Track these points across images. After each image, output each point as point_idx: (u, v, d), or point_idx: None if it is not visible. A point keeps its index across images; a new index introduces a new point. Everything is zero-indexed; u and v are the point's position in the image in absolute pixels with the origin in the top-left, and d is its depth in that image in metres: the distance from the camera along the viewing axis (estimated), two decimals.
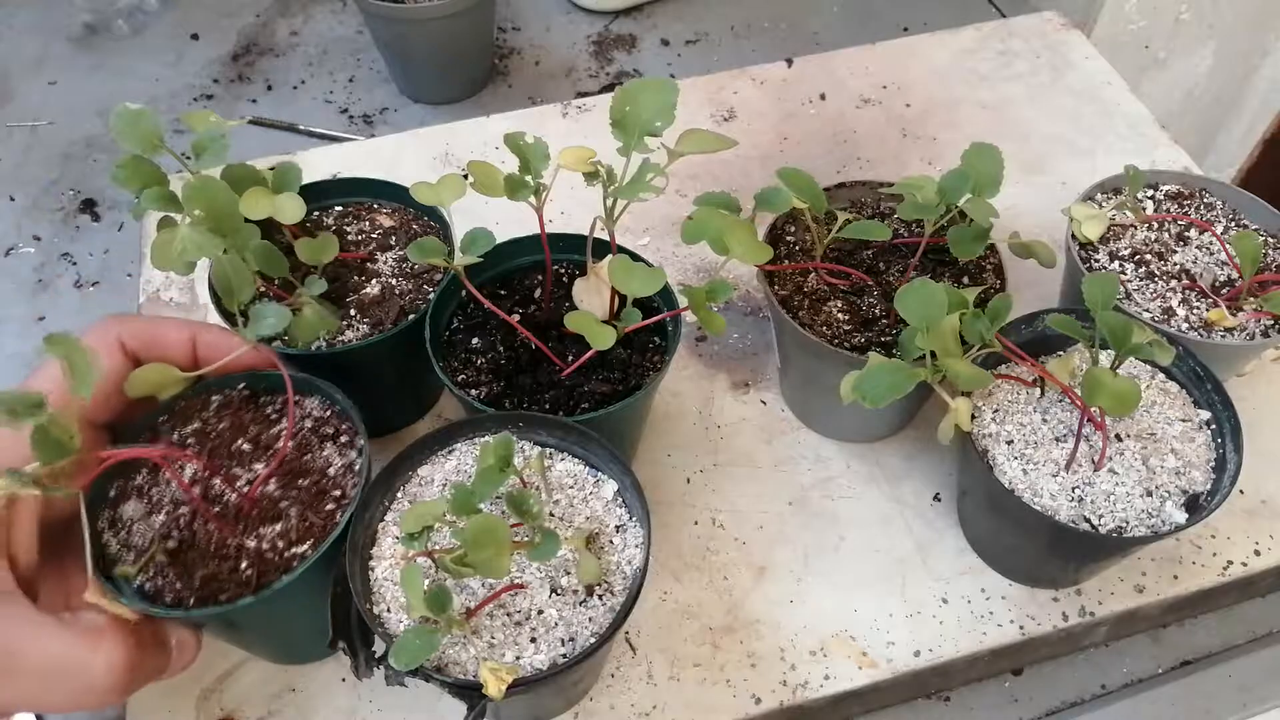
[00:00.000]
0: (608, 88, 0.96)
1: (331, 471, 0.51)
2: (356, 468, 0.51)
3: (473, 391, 0.56)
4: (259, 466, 0.51)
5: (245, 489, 0.50)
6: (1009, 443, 0.55)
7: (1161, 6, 1.07)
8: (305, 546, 0.48)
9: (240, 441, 0.52)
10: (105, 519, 0.49)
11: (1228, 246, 0.64)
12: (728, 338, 0.73)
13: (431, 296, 0.59)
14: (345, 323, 0.59)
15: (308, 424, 0.53)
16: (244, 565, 0.47)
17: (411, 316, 0.58)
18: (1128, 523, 0.52)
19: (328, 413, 0.54)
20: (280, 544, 0.48)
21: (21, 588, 0.43)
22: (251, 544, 0.48)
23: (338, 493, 0.50)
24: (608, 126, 0.53)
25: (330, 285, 0.60)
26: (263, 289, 0.57)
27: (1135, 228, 0.66)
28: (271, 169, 0.57)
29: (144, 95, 0.95)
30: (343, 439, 0.52)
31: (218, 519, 0.49)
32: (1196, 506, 0.53)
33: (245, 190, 0.54)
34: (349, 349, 0.57)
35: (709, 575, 0.61)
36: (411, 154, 0.84)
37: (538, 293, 0.61)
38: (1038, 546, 0.56)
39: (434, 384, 0.68)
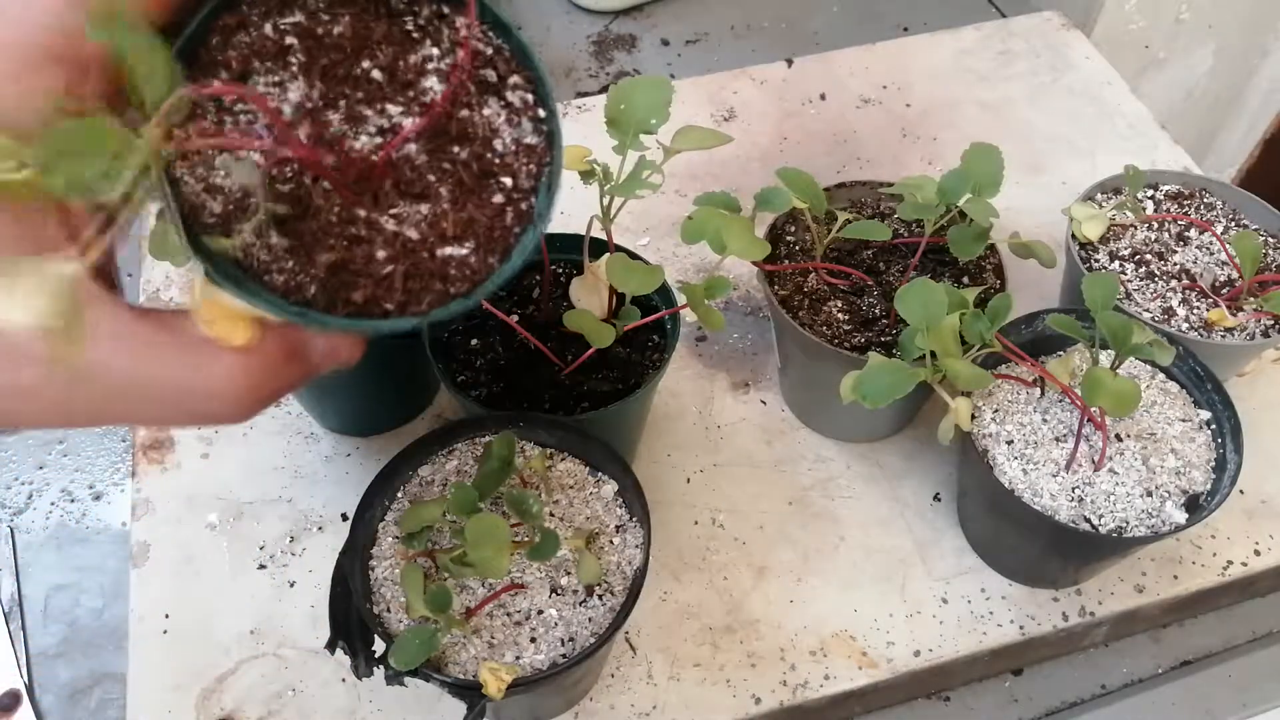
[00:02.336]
0: (607, 88, 0.96)
1: (499, 144, 0.35)
2: (534, 144, 0.35)
3: (473, 392, 0.56)
4: (394, 110, 0.33)
5: (377, 139, 0.33)
6: (1009, 443, 0.55)
7: (1161, 6, 1.07)
8: (466, 249, 0.34)
9: (367, 64, 0.34)
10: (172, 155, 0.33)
11: (1228, 246, 0.64)
12: (728, 337, 0.73)
13: None
14: None
15: (460, 56, 0.35)
16: (381, 255, 0.33)
17: None
18: (1128, 523, 0.52)
19: (490, 49, 0.35)
20: (429, 235, 0.33)
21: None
22: (389, 225, 0.33)
23: (507, 180, 0.35)
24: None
25: None
26: None
27: (1135, 228, 0.66)
28: None
29: None
30: (511, 95, 0.35)
31: (338, 180, 0.33)
32: (1196, 506, 0.53)
33: None
34: None
35: (709, 575, 0.61)
36: None
37: (536, 293, 0.61)
38: (1038, 546, 0.56)
39: (429, 384, 0.68)
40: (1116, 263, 0.64)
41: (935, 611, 0.59)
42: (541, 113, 0.35)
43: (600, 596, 0.48)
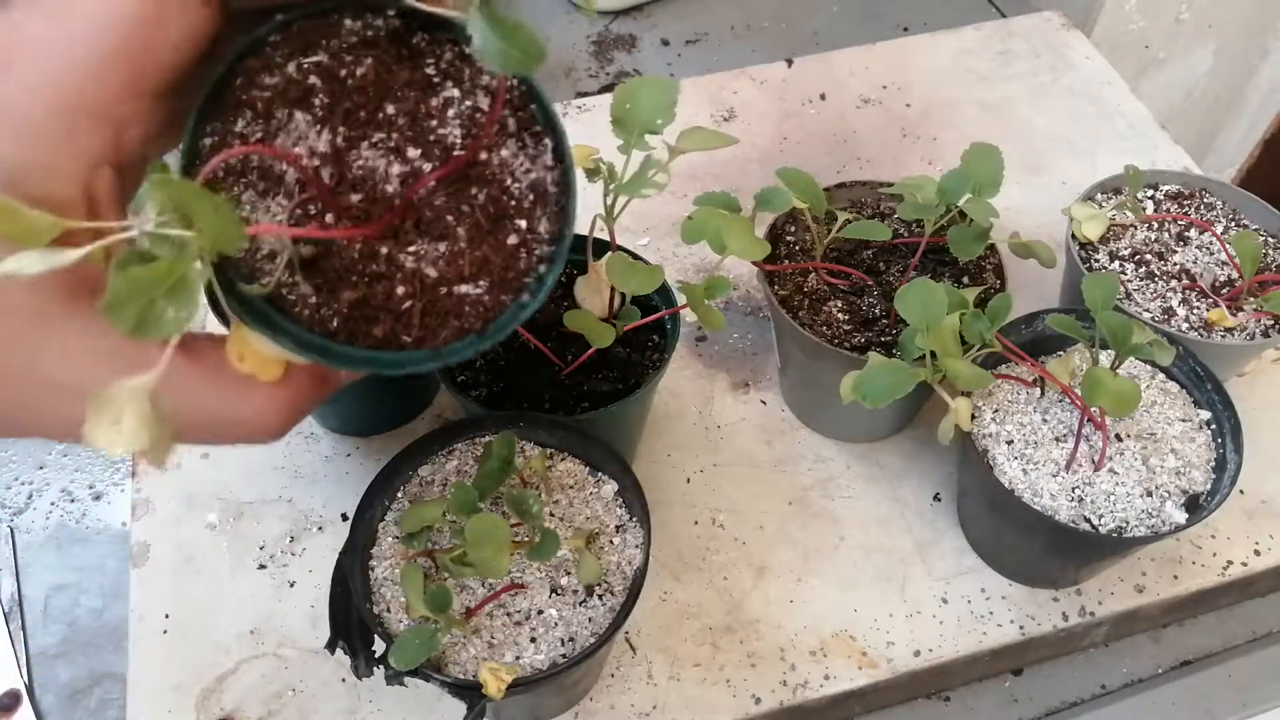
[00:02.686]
0: (608, 88, 0.96)
1: (515, 188, 0.35)
2: (548, 189, 0.35)
3: (473, 392, 0.56)
4: (415, 153, 0.34)
5: (399, 179, 0.34)
6: (1009, 443, 0.55)
7: (1161, 6, 1.07)
8: (481, 288, 0.34)
9: (391, 108, 0.34)
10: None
11: (1228, 246, 0.64)
12: (728, 337, 0.73)
13: None
14: None
15: (482, 100, 0.35)
16: (401, 292, 0.34)
17: None
18: (1128, 523, 0.52)
19: (515, 91, 0.35)
20: (447, 273, 0.34)
21: None
22: (409, 263, 0.34)
23: (522, 223, 0.35)
24: (608, 126, 0.53)
25: None
26: None
27: (1135, 228, 0.66)
28: None
29: None
30: (527, 135, 0.35)
31: (358, 219, 0.34)
32: (1196, 506, 0.53)
33: None
34: None
35: (709, 575, 0.61)
36: None
37: None
38: (1038, 546, 0.56)
39: (428, 384, 0.68)
40: (1116, 263, 0.64)
41: (935, 611, 0.59)
42: (555, 159, 0.35)
43: (600, 596, 0.48)
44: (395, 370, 0.34)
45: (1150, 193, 0.69)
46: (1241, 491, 0.64)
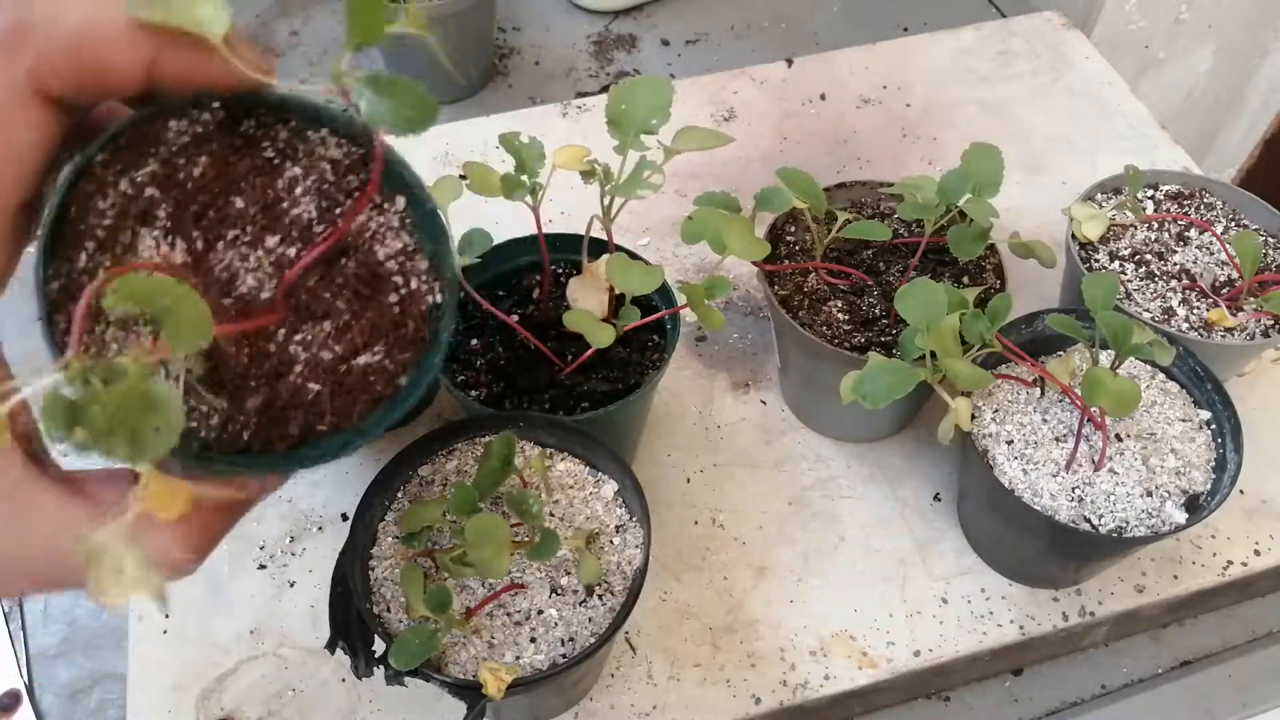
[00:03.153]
0: (608, 88, 0.96)
1: (381, 251, 0.35)
2: (411, 243, 0.35)
3: (473, 392, 0.56)
4: (273, 241, 0.33)
5: (261, 277, 0.32)
6: (1009, 443, 0.55)
7: (1161, 6, 1.07)
8: (379, 353, 0.34)
9: (235, 199, 0.33)
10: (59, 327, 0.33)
11: (1228, 246, 0.64)
12: (728, 337, 0.73)
13: None
14: None
15: (326, 171, 0.34)
16: (304, 382, 0.33)
17: None
18: (1128, 523, 0.52)
19: (349, 155, 0.35)
20: (339, 349, 0.33)
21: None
22: (301, 351, 0.33)
23: (399, 279, 0.35)
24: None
25: None
26: None
27: (1135, 228, 0.66)
28: None
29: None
30: (384, 203, 0.35)
31: (234, 318, 0.32)
32: (1196, 506, 0.53)
33: None
34: None
35: (709, 575, 0.61)
36: (411, 154, 0.83)
37: (536, 293, 0.61)
38: (1038, 546, 0.56)
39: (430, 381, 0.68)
40: (1116, 263, 0.64)
41: (935, 611, 0.59)
42: (415, 213, 0.35)
43: (600, 596, 0.48)
44: (321, 463, 0.33)
45: (1150, 193, 0.69)
46: (1241, 491, 0.64)
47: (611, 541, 0.50)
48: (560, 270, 0.62)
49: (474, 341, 0.58)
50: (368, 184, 0.34)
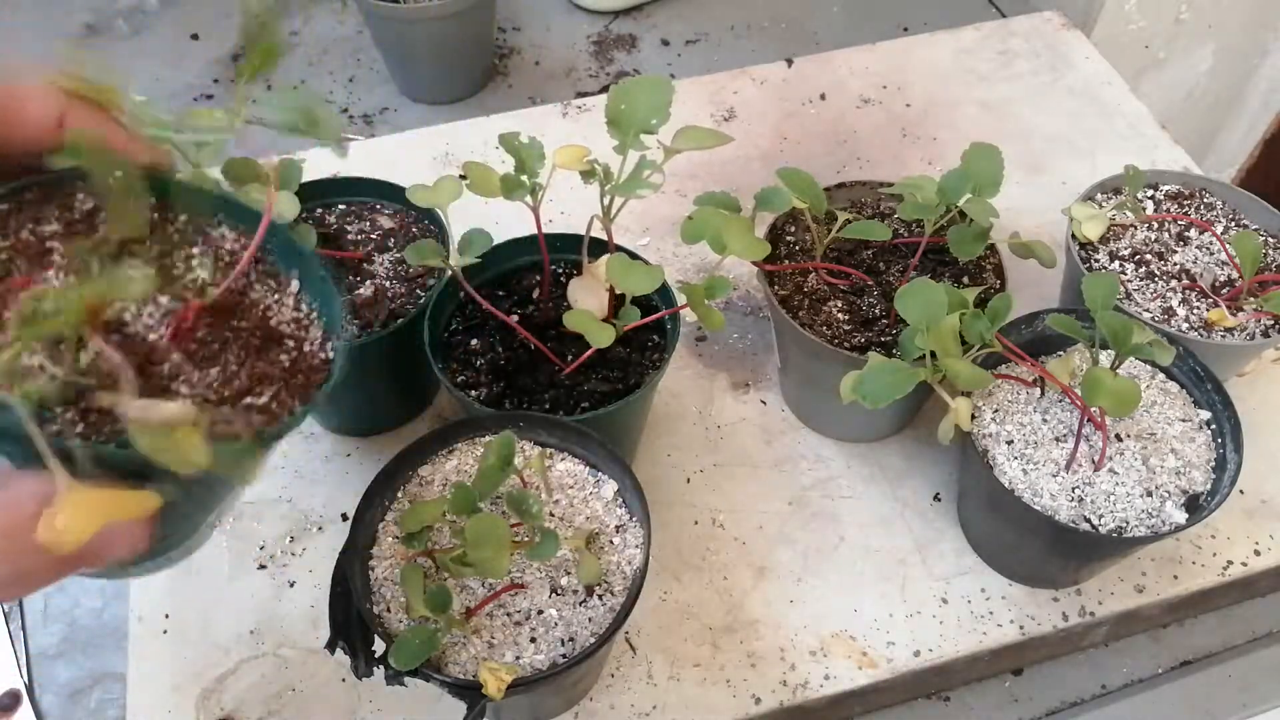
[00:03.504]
0: (607, 88, 0.96)
1: (274, 321, 0.40)
2: (305, 316, 0.40)
3: (473, 392, 0.56)
4: (164, 300, 0.38)
5: (155, 323, 0.37)
6: (1009, 443, 0.55)
7: (1162, 6, 1.07)
8: (267, 395, 0.38)
9: (134, 260, 0.38)
10: None
11: (1228, 246, 0.64)
12: (728, 337, 0.73)
13: (422, 301, 0.59)
14: None
15: (223, 249, 0.40)
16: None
17: (400, 320, 0.58)
18: (1128, 523, 0.52)
19: (242, 243, 0.40)
20: (225, 393, 0.37)
21: None
22: (182, 389, 0.37)
23: (292, 344, 0.39)
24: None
25: None
26: None
27: (1135, 228, 0.66)
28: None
29: (144, 95, 0.95)
30: (275, 283, 0.41)
31: (120, 343, 0.36)
32: (1196, 506, 0.53)
33: (245, 185, 0.54)
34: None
35: (709, 575, 0.61)
36: (411, 154, 0.84)
37: (536, 293, 0.61)
38: (1038, 546, 0.56)
39: (427, 384, 0.68)
40: (1116, 263, 0.64)
41: (935, 611, 0.59)
42: (309, 283, 0.40)
43: (600, 596, 0.48)
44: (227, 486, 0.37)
45: (1150, 193, 0.69)
46: (1241, 491, 0.64)
47: (611, 541, 0.50)
48: (560, 270, 0.62)
49: (474, 341, 0.58)
50: (245, 251, 0.40)
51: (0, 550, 0.32)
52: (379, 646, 0.47)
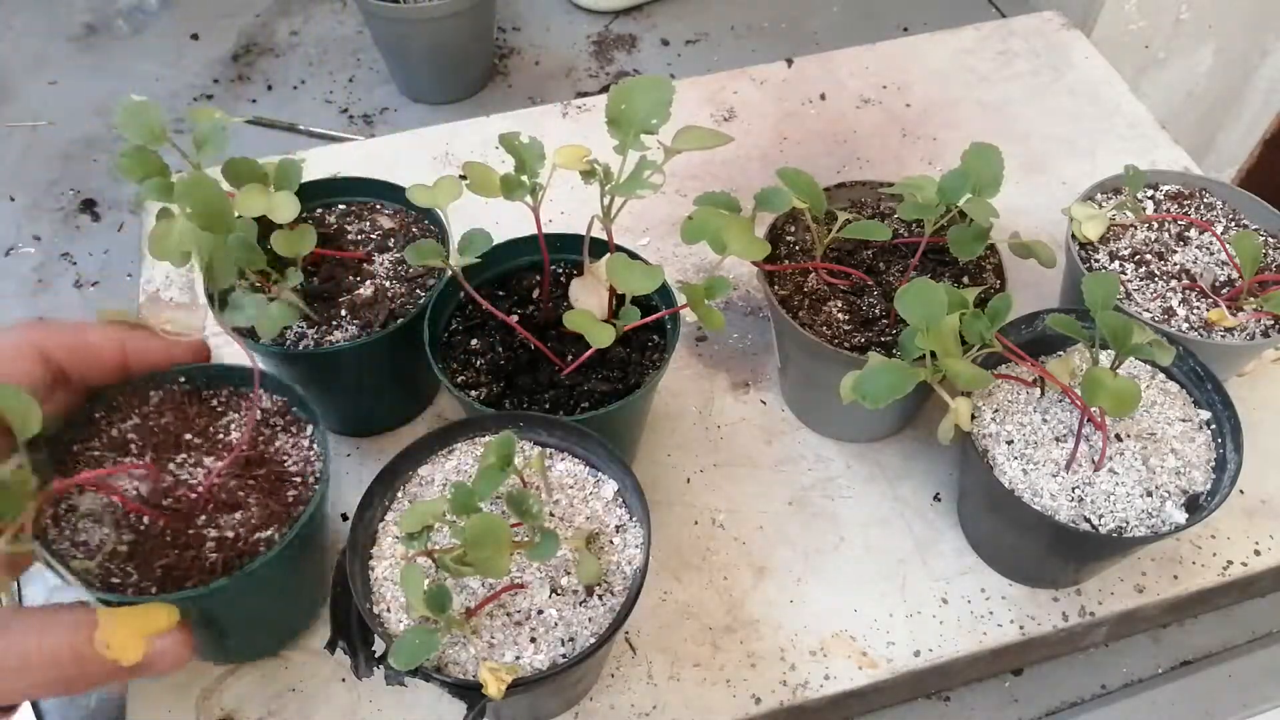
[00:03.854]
0: (608, 88, 0.96)
1: (288, 463, 0.51)
2: (314, 456, 0.52)
3: (473, 392, 0.56)
4: (208, 460, 0.51)
5: (198, 483, 0.49)
6: (1009, 443, 0.55)
7: (1162, 6, 1.07)
8: (271, 530, 0.48)
9: (187, 435, 0.52)
10: (48, 516, 0.48)
11: (1228, 246, 0.64)
12: (728, 337, 0.73)
13: (422, 301, 0.59)
14: (335, 323, 0.59)
15: (258, 414, 0.53)
16: (208, 550, 0.47)
17: (400, 320, 0.58)
18: (1128, 523, 0.52)
19: (277, 404, 0.54)
20: (242, 530, 0.48)
21: None
22: (212, 533, 0.48)
23: (298, 479, 0.51)
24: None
25: (324, 284, 0.60)
26: (257, 284, 0.57)
27: (1135, 228, 0.66)
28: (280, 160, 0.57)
29: (144, 95, 0.94)
30: (295, 429, 0.53)
31: (169, 515, 0.48)
32: (1196, 506, 0.53)
33: (245, 185, 0.55)
34: (336, 350, 0.57)
35: (709, 575, 0.61)
36: (411, 154, 0.84)
37: (536, 293, 0.61)
38: (1038, 547, 0.56)
39: (427, 385, 0.68)
40: (1116, 263, 0.64)
41: (935, 611, 0.59)
42: (311, 431, 0.53)
43: (600, 597, 0.48)
44: (204, 601, 0.46)
45: (1150, 193, 0.69)
46: (1241, 491, 0.64)
47: (611, 541, 0.50)
48: (560, 270, 0.62)
49: (474, 341, 0.58)
50: (275, 409, 0.54)
51: (71, 673, 0.43)
52: (379, 646, 0.47)
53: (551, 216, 0.57)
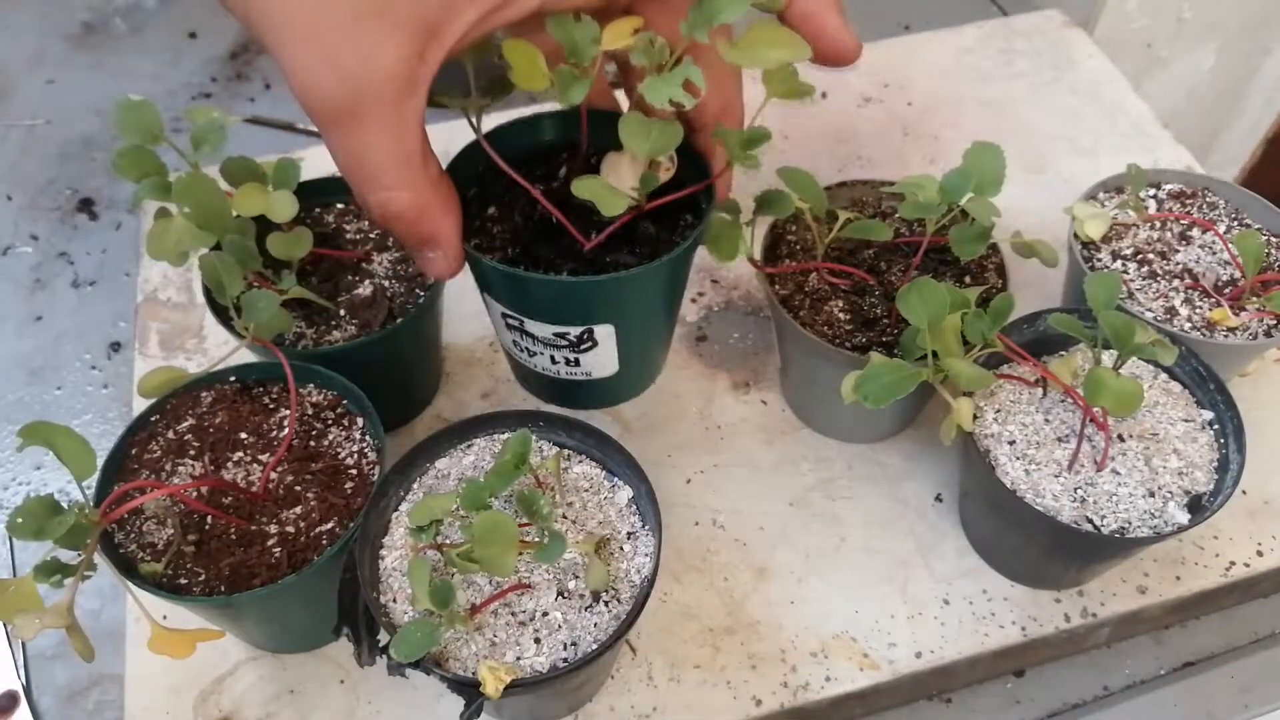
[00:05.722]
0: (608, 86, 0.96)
1: (343, 455, 0.52)
2: (368, 448, 0.53)
3: (488, 257, 0.51)
4: (264, 457, 0.52)
5: (255, 479, 0.51)
6: (1011, 443, 0.55)
7: (1164, 5, 1.07)
8: (332, 524, 0.50)
9: (241, 433, 0.53)
10: (113, 522, 0.50)
11: (1230, 246, 0.64)
12: (728, 338, 0.73)
13: (422, 301, 0.58)
14: (334, 323, 0.59)
15: (309, 409, 0.54)
16: (272, 546, 0.49)
17: (399, 320, 0.58)
18: (1130, 523, 0.52)
19: (327, 398, 0.55)
20: (303, 525, 0.49)
21: None
22: (273, 529, 0.49)
23: (355, 473, 0.52)
24: None
25: (323, 284, 0.60)
26: (256, 284, 0.56)
27: (1138, 227, 0.66)
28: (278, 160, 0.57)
29: (142, 94, 0.94)
30: (347, 422, 0.54)
31: (230, 514, 0.50)
32: (1199, 507, 0.53)
33: (242, 184, 0.54)
34: (335, 350, 0.57)
35: (709, 576, 0.60)
36: None
37: (564, 171, 0.56)
38: (1040, 547, 0.56)
39: (425, 386, 0.68)
40: (1119, 262, 0.64)
41: (937, 613, 0.59)
42: (363, 423, 0.54)
43: (606, 603, 0.48)
44: (269, 601, 0.48)
45: (1152, 192, 0.69)
46: (1244, 492, 0.64)
47: (622, 548, 0.50)
48: (593, 152, 0.56)
49: (491, 209, 0.54)
50: (327, 403, 0.55)
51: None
52: (383, 636, 0.47)
53: None
